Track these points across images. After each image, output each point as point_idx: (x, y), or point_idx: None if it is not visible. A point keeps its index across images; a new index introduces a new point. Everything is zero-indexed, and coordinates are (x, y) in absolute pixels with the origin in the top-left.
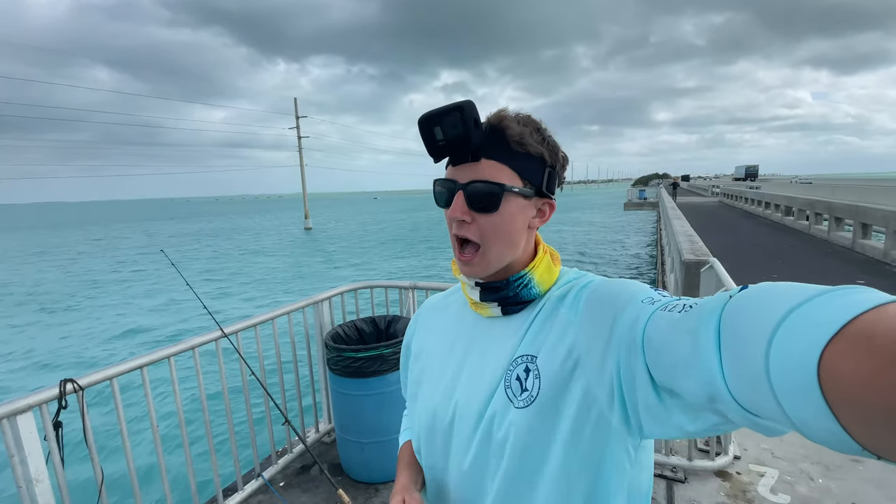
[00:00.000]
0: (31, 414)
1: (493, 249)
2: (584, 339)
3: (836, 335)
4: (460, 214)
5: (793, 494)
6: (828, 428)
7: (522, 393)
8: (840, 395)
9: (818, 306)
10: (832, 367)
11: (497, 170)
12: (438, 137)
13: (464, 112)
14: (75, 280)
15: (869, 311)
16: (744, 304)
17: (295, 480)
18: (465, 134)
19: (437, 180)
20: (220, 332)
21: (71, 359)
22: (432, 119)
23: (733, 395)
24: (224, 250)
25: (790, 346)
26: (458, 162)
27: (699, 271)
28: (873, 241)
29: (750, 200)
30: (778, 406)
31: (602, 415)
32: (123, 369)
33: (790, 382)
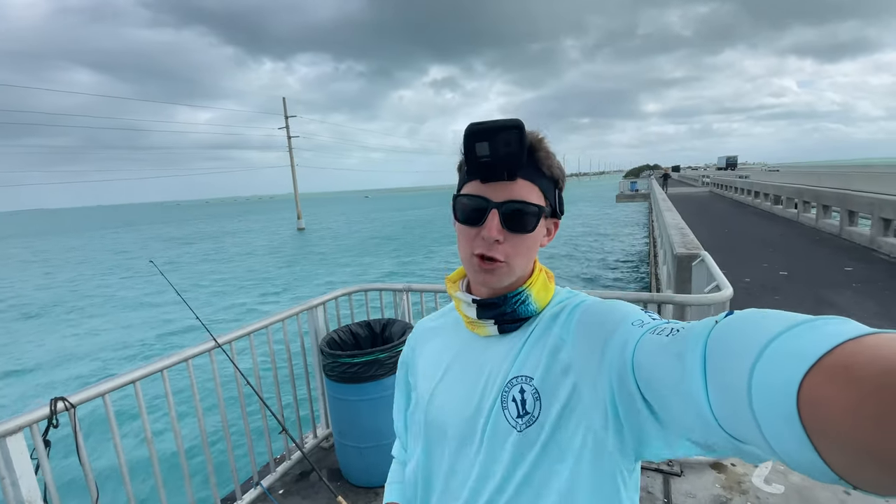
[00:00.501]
0: (21, 435)
1: (518, 266)
2: (578, 361)
3: (815, 366)
4: (496, 234)
5: (786, 484)
6: (807, 457)
7: (524, 415)
8: (818, 425)
9: (799, 335)
10: (811, 397)
11: (530, 190)
12: (482, 153)
13: (522, 131)
14: (60, 291)
15: (847, 343)
16: (729, 330)
17: (294, 488)
18: (519, 154)
19: (464, 196)
20: (213, 343)
21: (60, 374)
22: (483, 133)
23: (718, 420)
24: (215, 255)
25: (771, 375)
26: (492, 179)
27: (691, 265)
28: (860, 228)
29: (739, 190)
30: (760, 434)
31: (598, 437)
32: (116, 384)
33: (771, 412)
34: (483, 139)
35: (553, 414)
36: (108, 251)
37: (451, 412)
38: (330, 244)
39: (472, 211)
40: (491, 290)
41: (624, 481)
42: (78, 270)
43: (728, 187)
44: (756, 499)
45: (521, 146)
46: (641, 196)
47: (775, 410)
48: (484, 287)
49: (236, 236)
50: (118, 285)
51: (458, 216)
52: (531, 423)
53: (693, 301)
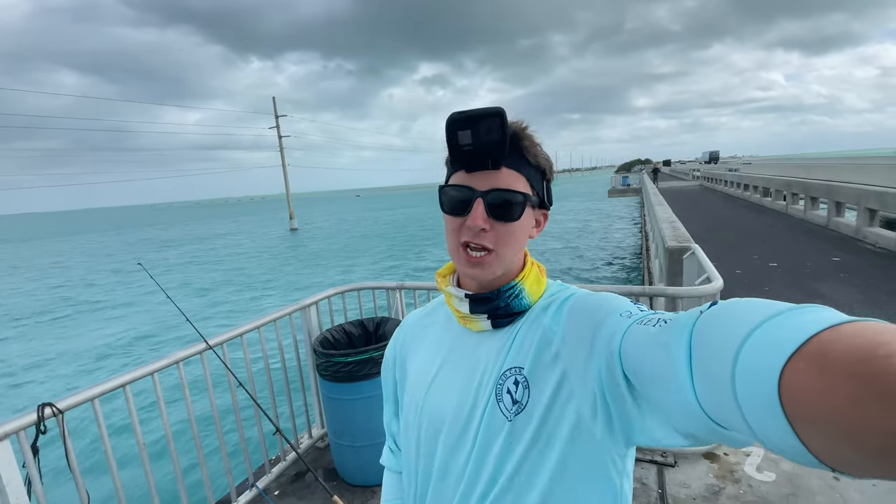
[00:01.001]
0: (7, 442)
1: (506, 256)
2: (568, 351)
3: (795, 353)
4: (482, 223)
5: (777, 472)
6: (788, 442)
7: (514, 405)
8: (798, 411)
9: (780, 324)
10: (791, 384)
11: (515, 179)
12: (464, 142)
13: (503, 118)
14: (49, 295)
15: (826, 330)
16: (713, 320)
17: (290, 488)
18: (501, 141)
19: (449, 186)
20: (204, 345)
21: (48, 380)
22: (464, 122)
23: (703, 408)
24: (207, 257)
25: (753, 363)
26: (478, 168)
27: (682, 258)
28: (846, 219)
29: (729, 183)
30: (743, 420)
31: (586, 426)
32: (105, 389)
33: (754, 397)
34: (465, 127)
35: (542, 403)
36: (95, 255)
37: (448, 409)
38: (322, 244)
39: (457, 201)
40: (481, 285)
41: (615, 467)
42: (65, 276)
43: (718, 181)
44: (748, 487)
45: (503, 134)
46: (633, 190)
47: (758, 398)
48: (472, 280)
49: (227, 238)
50: (106, 289)
51: (444, 207)
52: (520, 412)
53: (684, 293)
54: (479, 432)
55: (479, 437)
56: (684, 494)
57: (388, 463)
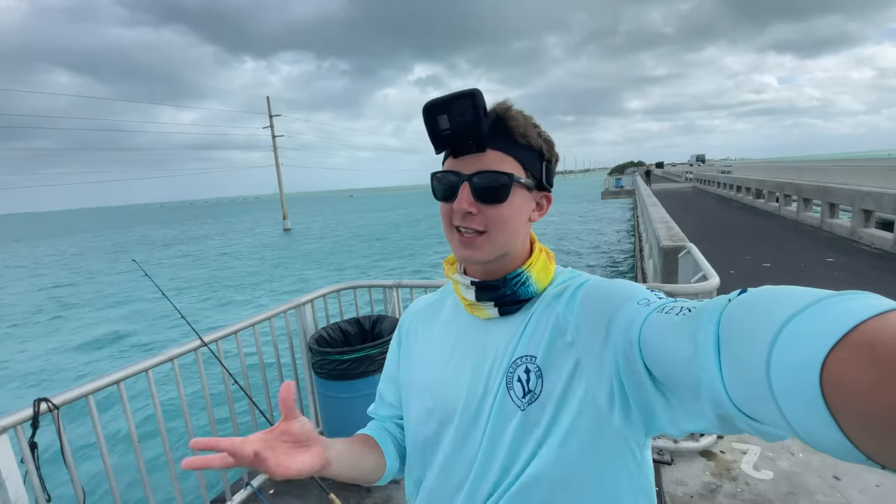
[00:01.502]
0: (5, 437)
1: (498, 238)
2: (582, 339)
3: (839, 343)
4: (467, 206)
5: (775, 470)
6: (831, 437)
7: (527, 394)
8: (843, 404)
9: (820, 312)
10: (835, 376)
11: (502, 160)
12: (443, 126)
13: (475, 99)
14: (42, 294)
15: (872, 319)
16: (743, 308)
17: (285, 487)
18: (476, 122)
19: (437, 173)
20: (199, 342)
21: (41, 376)
22: (439, 106)
23: (733, 400)
24: (200, 256)
25: (792, 354)
26: (462, 153)
27: (677, 257)
28: (840, 220)
29: (723, 185)
30: (780, 414)
31: (603, 415)
32: (99, 385)
33: (792, 390)
34: (441, 112)
35: (556, 392)
36: (89, 254)
37: (458, 397)
38: (316, 244)
39: (445, 186)
40: (485, 271)
41: (634, 456)
42: (57, 275)
43: (711, 182)
44: (745, 485)
45: (476, 114)
46: (626, 192)
47: (796, 390)
48: (469, 263)
49: (221, 237)
50: (100, 287)
51: (435, 194)
52: (533, 401)
53: (680, 291)
54: (490, 420)
55: (489, 426)
56: (681, 492)
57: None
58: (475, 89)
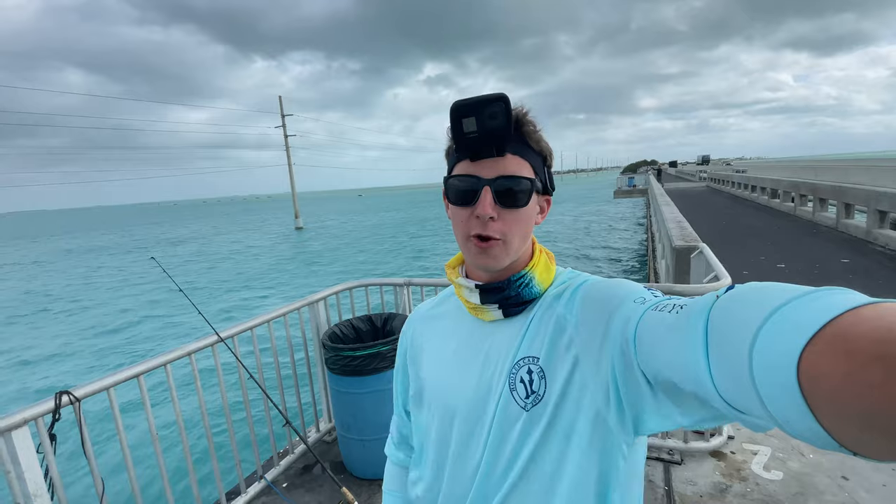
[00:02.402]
0: (26, 428)
1: (514, 243)
2: (581, 338)
3: (815, 336)
4: (490, 211)
5: (785, 470)
6: (808, 426)
7: (530, 395)
8: (818, 395)
9: (799, 307)
10: (810, 368)
11: (520, 165)
12: (469, 129)
13: (507, 104)
14: (62, 288)
15: (847, 313)
16: (729, 304)
17: (298, 481)
18: (506, 126)
19: (455, 177)
20: (216, 337)
21: (61, 369)
22: (468, 108)
23: (720, 393)
24: (214, 254)
25: (771, 347)
26: (483, 156)
27: (689, 257)
28: (856, 221)
29: (736, 184)
30: (762, 405)
31: (600, 414)
32: (120, 378)
33: (772, 382)
34: (469, 114)
35: (556, 391)
36: (105, 251)
37: (462, 399)
38: (328, 242)
39: (464, 191)
40: (491, 274)
41: (624, 456)
42: (74, 272)
43: (725, 182)
44: (756, 485)
45: (507, 119)
46: (639, 192)
47: (776, 382)
48: (483, 270)
49: (235, 234)
50: (119, 283)
51: (450, 198)
52: (537, 402)
53: (692, 291)
54: (494, 422)
55: (494, 427)
56: (691, 492)
57: (390, 454)
58: (504, 94)
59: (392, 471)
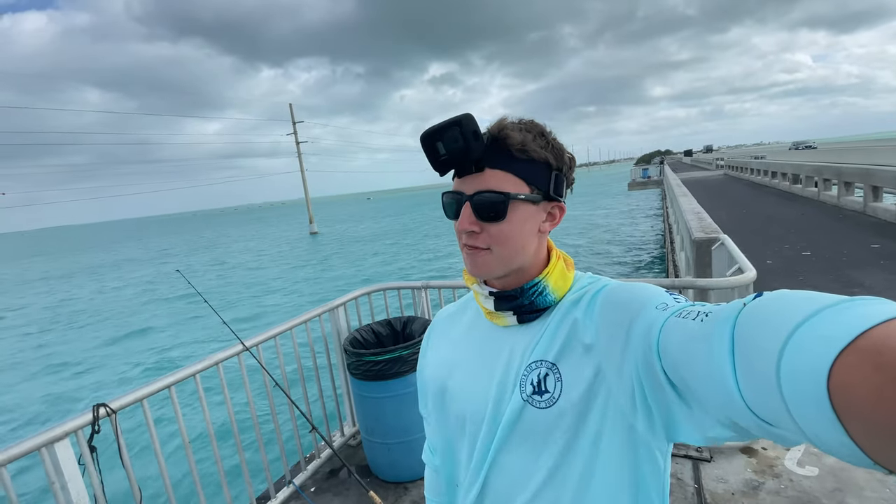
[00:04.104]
0: (67, 441)
1: (502, 254)
2: (602, 344)
3: (846, 348)
4: (468, 226)
5: (820, 466)
6: (839, 441)
7: (544, 394)
8: (849, 409)
9: (830, 318)
10: (841, 380)
11: (501, 179)
12: (441, 152)
13: (462, 126)
14: (95, 302)
15: (880, 325)
16: (757, 313)
17: (325, 485)
18: (466, 147)
19: (445, 193)
20: (241, 346)
21: (89, 381)
22: (433, 135)
23: (748, 403)
24: (232, 262)
25: (801, 359)
26: (463, 174)
27: (710, 249)
28: (885, 203)
29: (755, 171)
30: (790, 417)
31: (626, 420)
32: (153, 390)
33: (801, 395)
34: (436, 140)
35: (576, 397)
36: (129, 263)
37: (477, 401)
38: (344, 246)
39: (450, 206)
40: (504, 281)
41: (656, 462)
42: (102, 283)
43: (744, 169)
44: (790, 482)
45: (465, 140)
46: (654, 183)
47: (805, 394)
48: (478, 277)
49: (251, 242)
50: (144, 293)
51: (445, 213)
52: (552, 403)
53: (715, 285)
54: (503, 425)
55: (502, 428)
56: (722, 489)
57: (426, 460)
58: (463, 116)
59: (429, 476)
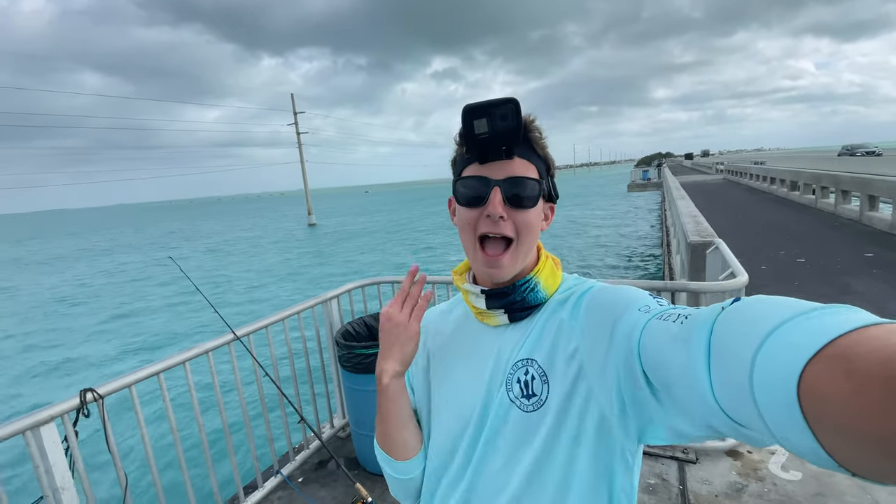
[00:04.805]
0: (53, 425)
1: (524, 247)
2: (586, 345)
3: (816, 355)
4: (500, 210)
5: (804, 471)
6: (807, 445)
7: (532, 397)
8: (818, 414)
9: (803, 324)
10: (811, 387)
11: (527, 168)
12: (480, 131)
13: (517, 106)
14: (84, 287)
15: (850, 333)
16: (733, 317)
17: (313, 476)
18: (516, 128)
19: (464, 178)
20: (232, 335)
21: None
22: (480, 110)
23: (721, 406)
24: (229, 251)
25: (773, 364)
26: (492, 158)
27: (705, 253)
28: (881, 213)
29: (754, 176)
30: (762, 420)
31: (605, 420)
32: (141, 376)
33: (772, 400)
34: (481, 116)
35: (560, 397)
36: (123, 250)
37: (468, 401)
38: (341, 239)
39: (474, 191)
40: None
41: (626, 463)
42: (95, 268)
43: (743, 174)
44: (773, 485)
45: (517, 121)
46: (654, 185)
47: (776, 399)
48: (493, 280)
49: (248, 231)
50: (135, 281)
51: (460, 200)
52: (539, 406)
53: (708, 288)
54: (490, 424)
55: (488, 429)
56: (706, 491)
57: None
58: (515, 98)
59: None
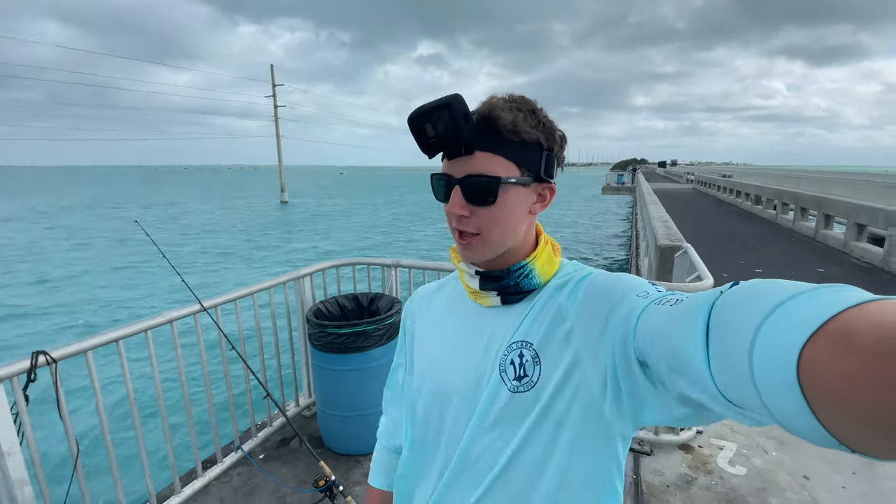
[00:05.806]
0: (0, 387)
1: (493, 237)
2: (581, 329)
3: (816, 333)
4: (459, 210)
5: (749, 466)
6: (807, 423)
7: (523, 378)
8: (818, 392)
9: (801, 303)
10: (811, 364)
11: (491, 161)
12: (430, 134)
13: (451, 108)
14: (35, 251)
15: (849, 309)
16: (732, 299)
17: (275, 453)
18: (455, 130)
19: (434, 175)
20: (199, 306)
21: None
22: (421, 117)
23: (718, 387)
24: (194, 224)
25: (772, 343)
26: (453, 156)
27: (674, 256)
28: (834, 232)
29: (722, 188)
30: (760, 401)
31: (595, 404)
32: (99, 342)
33: (771, 379)
34: (424, 121)
35: (553, 380)
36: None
37: (457, 380)
38: (314, 219)
39: (439, 188)
40: (489, 262)
41: (620, 446)
42: (53, 233)
43: (711, 185)
44: (720, 479)
45: (454, 122)
46: (627, 189)
47: (775, 378)
48: (469, 262)
49: (216, 203)
50: (97, 246)
51: (434, 195)
52: (530, 388)
53: (675, 288)
54: (482, 404)
55: (480, 409)
56: (658, 481)
57: (382, 437)
58: (452, 97)
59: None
